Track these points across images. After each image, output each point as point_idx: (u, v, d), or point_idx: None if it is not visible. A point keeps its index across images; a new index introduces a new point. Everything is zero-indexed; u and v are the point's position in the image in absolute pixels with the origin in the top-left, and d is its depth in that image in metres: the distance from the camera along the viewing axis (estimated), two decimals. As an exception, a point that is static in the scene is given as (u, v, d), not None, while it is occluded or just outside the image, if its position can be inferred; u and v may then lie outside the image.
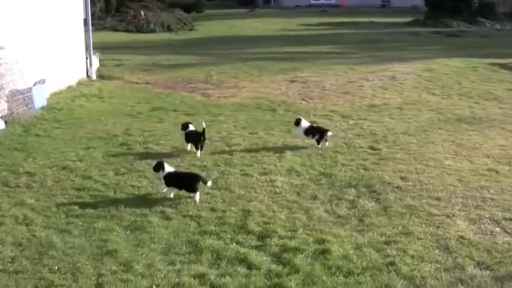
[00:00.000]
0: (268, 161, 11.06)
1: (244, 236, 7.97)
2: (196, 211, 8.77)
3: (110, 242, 7.81)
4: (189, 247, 7.70)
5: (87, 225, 8.35)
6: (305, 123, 12.04)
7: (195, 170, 10.44)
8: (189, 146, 11.68)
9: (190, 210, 8.79)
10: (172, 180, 9.31)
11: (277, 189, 9.67)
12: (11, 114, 13.95)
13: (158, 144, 12.09)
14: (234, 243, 7.76)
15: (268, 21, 42.67)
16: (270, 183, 9.93)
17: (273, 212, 8.76)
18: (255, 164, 10.89)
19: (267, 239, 7.88)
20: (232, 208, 8.89)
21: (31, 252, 7.60)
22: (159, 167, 9.36)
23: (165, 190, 9.41)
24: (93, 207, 8.97)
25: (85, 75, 19.70)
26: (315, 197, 9.36)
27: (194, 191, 9.12)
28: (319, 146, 11.83)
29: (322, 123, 13.71)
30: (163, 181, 9.36)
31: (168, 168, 9.38)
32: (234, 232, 8.10)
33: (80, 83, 18.64)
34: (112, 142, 12.33)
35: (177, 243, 7.81)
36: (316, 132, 11.96)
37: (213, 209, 8.86)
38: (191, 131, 11.68)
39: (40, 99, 15.10)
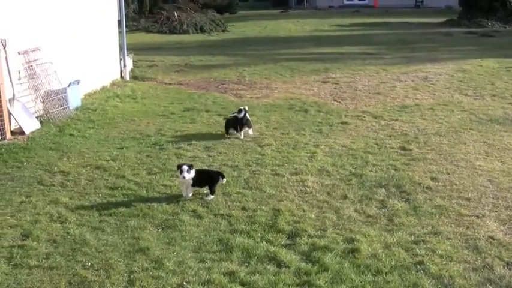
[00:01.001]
0: (299, 161, 11.14)
1: (274, 235, 8.06)
2: (228, 210, 8.89)
3: (141, 240, 7.95)
4: (219, 245, 7.82)
5: (119, 223, 8.52)
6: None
7: (227, 170, 10.58)
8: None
9: (222, 209, 8.91)
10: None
11: (307, 189, 9.74)
12: (46, 114, 14.17)
13: (190, 144, 12.21)
14: (264, 242, 7.85)
15: (301, 22, 42.62)
16: (301, 183, 10.01)
17: (303, 212, 8.85)
18: (286, 164, 10.97)
19: (297, 238, 7.97)
20: (263, 207, 8.99)
21: (65, 249, 7.77)
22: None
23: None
24: (125, 205, 9.13)
25: (119, 76, 19.89)
26: (345, 197, 9.42)
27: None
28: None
29: (353, 123, 13.78)
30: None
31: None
32: (264, 231, 8.20)
33: (113, 84, 18.84)
34: (145, 142, 12.49)
35: (208, 241, 7.93)
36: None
37: (244, 208, 8.97)
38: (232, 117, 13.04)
39: (74, 100, 15.31)
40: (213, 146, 12.08)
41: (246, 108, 12.92)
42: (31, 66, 13.96)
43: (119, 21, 20.23)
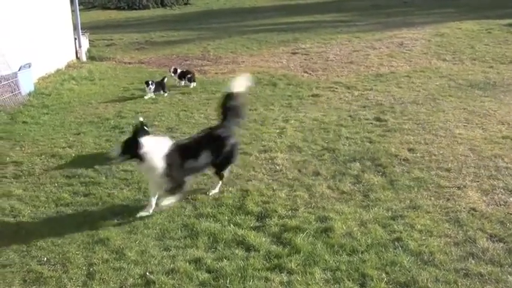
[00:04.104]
0: (267, 138, 11.10)
1: (243, 217, 8.01)
2: (192, 193, 8.80)
3: (101, 230, 7.85)
4: (184, 231, 7.75)
5: (77, 214, 8.41)
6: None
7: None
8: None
9: (186, 193, 8.83)
10: None
11: (277, 167, 9.70)
12: (-4, 101, 14.00)
13: (152, 126, 12.10)
14: (231, 225, 7.79)
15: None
16: (270, 161, 9.97)
17: (273, 191, 8.80)
18: (253, 142, 10.93)
19: (267, 219, 7.92)
20: (230, 189, 8.92)
21: (19, 244, 7.63)
22: None
23: None
24: (84, 194, 9.03)
25: (74, 57, 19.71)
26: (317, 173, 9.39)
27: None
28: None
29: (325, 95, 13.76)
30: None
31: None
32: (231, 214, 8.14)
33: (69, 66, 18.66)
34: (104, 126, 12.38)
35: (172, 227, 7.86)
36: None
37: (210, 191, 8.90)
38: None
39: (26, 85, 15.11)
40: (176, 127, 12.00)
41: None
42: (-23, 50, 13.77)
43: (71, -1, 20.01)
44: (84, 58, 19.96)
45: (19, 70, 15.02)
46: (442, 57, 17.54)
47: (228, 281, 6.57)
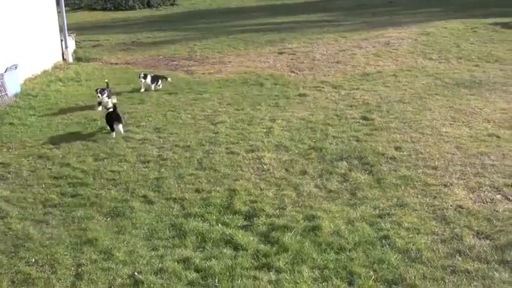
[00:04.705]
0: (255, 138, 11.12)
1: (230, 217, 8.06)
2: (180, 193, 8.84)
3: (89, 231, 7.88)
4: (172, 231, 7.79)
5: (65, 215, 8.43)
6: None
7: (179, 151, 10.58)
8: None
9: (174, 193, 8.87)
10: None
11: (264, 166, 9.74)
12: (-19, 103, 13.94)
13: (139, 127, 12.12)
14: (219, 225, 7.84)
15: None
16: (257, 161, 10.01)
17: (261, 190, 8.84)
18: (241, 142, 10.95)
19: (254, 218, 7.97)
20: (218, 188, 8.96)
21: (7, 245, 7.66)
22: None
23: None
24: (71, 195, 9.05)
25: (61, 58, 19.62)
26: (304, 172, 9.43)
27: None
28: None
29: (312, 95, 13.79)
30: None
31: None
32: (219, 213, 8.19)
33: (55, 67, 18.58)
34: (90, 127, 12.36)
35: (160, 227, 7.89)
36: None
37: (197, 190, 8.94)
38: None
39: (13, 86, 15.04)
40: (163, 127, 12.00)
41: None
42: (-39, 52, 13.69)
43: (58, 0, 19.89)
44: (70, 59, 19.88)
45: (5, 71, 14.96)
46: (428, 56, 17.61)
47: (216, 280, 6.61)
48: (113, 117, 11.79)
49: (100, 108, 13.35)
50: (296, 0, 35.38)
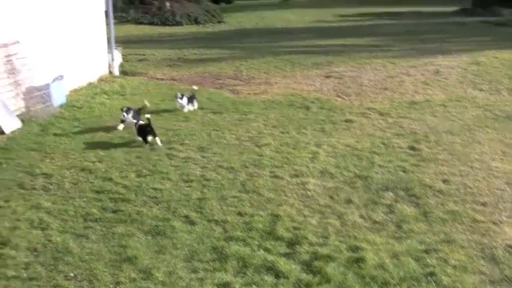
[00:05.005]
0: (300, 162, 11.05)
1: (273, 243, 7.98)
2: (222, 215, 8.80)
3: (129, 248, 7.87)
4: (213, 254, 7.73)
5: (106, 230, 8.43)
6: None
7: (222, 172, 10.56)
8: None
9: (216, 215, 8.82)
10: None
11: (308, 193, 9.66)
12: (27, 112, 14.09)
13: (183, 144, 12.13)
14: (261, 250, 7.77)
15: (301, 12, 42.43)
16: (302, 186, 9.93)
17: (304, 217, 8.76)
18: (285, 166, 10.89)
19: (297, 246, 7.88)
20: (261, 212, 8.90)
21: (46, 258, 7.69)
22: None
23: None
24: (112, 211, 9.06)
25: (107, 71, 19.79)
26: (349, 201, 9.33)
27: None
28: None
29: (358, 121, 13.69)
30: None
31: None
32: (261, 238, 8.11)
33: (101, 80, 18.75)
34: (134, 142, 12.38)
35: (201, 249, 7.84)
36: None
37: (240, 214, 8.89)
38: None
39: (58, 97, 15.21)
40: (207, 146, 12.00)
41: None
42: (11, 60, 13.87)
43: (106, 12, 20.07)
44: (116, 72, 20.04)
45: (52, 82, 15.12)
46: (478, 87, 17.38)
47: (257, 308, 6.54)
48: (146, 130, 12.09)
49: (121, 127, 13.42)
50: (343, 24, 35.33)
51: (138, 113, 13.42)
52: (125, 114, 13.33)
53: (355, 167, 10.80)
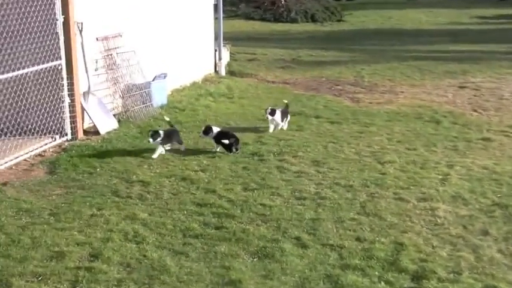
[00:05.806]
0: (428, 184, 10.87)
1: (396, 275, 7.82)
2: (339, 240, 8.70)
3: (233, 270, 7.86)
4: (327, 283, 7.64)
5: (207, 248, 8.46)
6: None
7: (339, 190, 10.48)
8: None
9: (332, 239, 8.74)
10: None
11: (438, 220, 9.46)
12: (125, 112, 14.39)
13: (296, 157, 12.13)
14: (382, 283, 7.63)
15: (433, 12, 41.94)
16: (430, 212, 9.74)
17: (433, 248, 8.57)
18: (412, 187, 10.73)
19: (424, 281, 7.70)
20: (382, 239, 8.76)
21: (140, 275, 7.76)
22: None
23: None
24: (215, 227, 9.10)
25: (213, 70, 20.06)
26: (485, 233, 9.07)
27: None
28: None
29: (498, 140, 13.37)
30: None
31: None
32: (383, 269, 7.97)
33: (206, 80, 19.02)
34: (241, 151, 12.46)
35: (313, 277, 7.77)
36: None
37: (358, 239, 8.78)
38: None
39: (160, 97, 15.47)
40: (323, 160, 11.96)
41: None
42: (110, 55, 14.21)
43: (215, 6, 20.31)
44: (223, 72, 20.27)
45: (153, 80, 15.36)
46: None
47: None
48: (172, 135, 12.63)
49: (272, 129, 13.78)
50: (481, 26, 34.71)
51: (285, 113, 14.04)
52: (268, 116, 13.77)
53: (494, 194, 10.51)
